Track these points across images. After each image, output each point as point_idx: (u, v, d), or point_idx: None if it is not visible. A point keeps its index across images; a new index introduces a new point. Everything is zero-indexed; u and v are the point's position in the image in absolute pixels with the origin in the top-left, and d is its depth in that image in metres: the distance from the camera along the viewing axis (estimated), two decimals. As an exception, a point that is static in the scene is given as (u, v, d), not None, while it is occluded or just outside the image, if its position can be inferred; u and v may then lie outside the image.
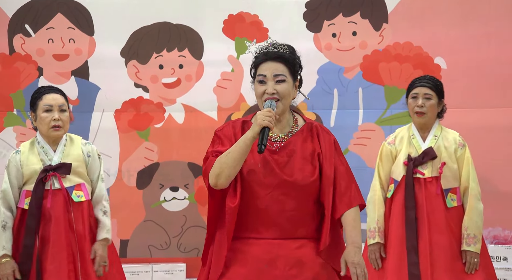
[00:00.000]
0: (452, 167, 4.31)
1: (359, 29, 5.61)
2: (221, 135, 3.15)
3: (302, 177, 3.06)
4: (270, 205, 3.04)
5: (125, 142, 5.53)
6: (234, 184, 3.04)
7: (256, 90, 3.12)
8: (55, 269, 3.93)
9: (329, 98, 5.58)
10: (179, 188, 5.56)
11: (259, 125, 2.96)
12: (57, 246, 3.95)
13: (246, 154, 3.00)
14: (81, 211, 4.04)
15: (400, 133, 4.47)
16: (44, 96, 4.09)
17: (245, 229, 3.06)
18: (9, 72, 5.42)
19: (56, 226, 3.97)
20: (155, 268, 5.40)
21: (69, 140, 4.15)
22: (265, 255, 3.03)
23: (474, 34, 5.53)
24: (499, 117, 5.49)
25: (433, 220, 4.24)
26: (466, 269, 4.21)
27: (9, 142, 5.42)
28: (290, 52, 3.13)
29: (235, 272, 3.04)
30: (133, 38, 5.54)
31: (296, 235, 3.06)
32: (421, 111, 4.35)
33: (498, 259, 5.35)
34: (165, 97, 5.57)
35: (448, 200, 4.28)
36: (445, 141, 4.35)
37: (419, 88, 4.39)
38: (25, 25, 5.47)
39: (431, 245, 4.20)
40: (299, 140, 3.12)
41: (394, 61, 5.55)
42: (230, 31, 5.59)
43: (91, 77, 5.51)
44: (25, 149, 4.09)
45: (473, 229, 4.23)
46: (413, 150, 4.36)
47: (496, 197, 5.41)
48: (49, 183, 4.01)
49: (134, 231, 5.51)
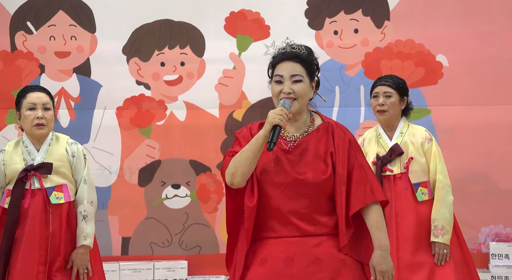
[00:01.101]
0: (420, 161, 4.33)
1: (360, 26, 5.60)
2: (239, 137, 3.19)
3: (313, 175, 3.08)
4: (283, 204, 3.07)
5: (126, 140, 5.53)
6: (251, 184, 3.08)
7: (273, 90, 3.14)
8: (24, 269, 3.89)
9: (330, 95, 5.58)
10: (180, 186, 5.56)
11: (270, 123, 3.00)
12: (29, 246, 3.91)
13: (259, 153, 3.03)
14: (59, 213, 4.00)
15: (368, 135, 4.52)
16: (28, 94, 4.08)
17: (262, 229, 3.09)
18: (11, 70, 5.42)
19: (31, 226, 3.93)
20: (156, 265, 5.40)
21: (54, 139, 4.12)
22: (283, 254, 3.05)
23: (476, 31, 5.52)
24: (500, 114, 5.48)
25: (401, 215, 4.27)
26: (436, 260, 4.23)
27: (10, 139, 5.35)
28: (307, 52, 3.17)
29: (254, 272, 3.06)
30: (135, 36, 5.53)
31: (313, 233, 3.07)
32: (382, 109, 4.39)
33: (499, 256, 5.35)
34: (167, 94, 5.57)
35: (419, 194, 4.31)
36: (411, 136, 4.38)
37: (379, 87, 4.44)
38: (27, 22, 5.47)
39: (398, 241, 4.22)
40: (313, 139, 3.14)
41: (396, 59, 5.55)
42: (231, 29, 5.59)
43: (93, 75, 5.51)
44: (9, 148, 4.09)
45: (440, 221, 4.24)
46: (381, 149, 4.40)
47: (497, 194, 5.41)
48: (29, 183, 3.98)
49: (135, 229, 5.51)
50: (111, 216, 5.47)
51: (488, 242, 5.44)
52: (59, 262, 3.98)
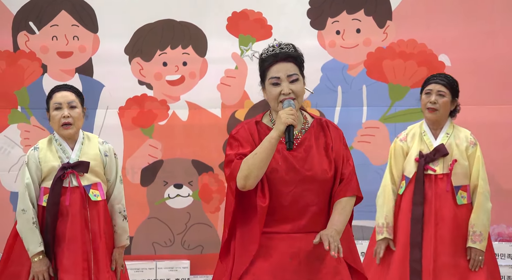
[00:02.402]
0: (463, 164, 4.32)
1: (363, 26, 5.60)
2: (239, 138, 3.17)
3: (321, 171, 3.12)
4: (294, 201, 3.10)
5: (129, 139, 5.53)
6: (261, 184, 3.08)
7: (271, 93, 3.14)
8: (71, 265, 3.95)
9: (333, 95, 5.58)
10: (183, 185, 5.57)
11: (284, 123, 3.01)
12: (73, 243, 3.97)
13: (272, 154, 3.05)
14: (97, 210, 4.05)
15: (412, 130, 4.48)
16: (54, 95, 4.11)
17: (269, 224, 3.10)
18: (13, 70, 5.42)
19: (72, 223, 3.98)
20: (159, 265, 5.41)
21: (86, 138, 4.16)
22: (288, 249, 3.08)
23: (479, 31, 5.52)
24: (503, 114, 5.49)
25: (440, 216, 4.26)
26: (470, 266, 4.22)
27: (13, 139, 5.42)
28: (295, 50, 3.18)
29: (259, 267, 3.07)
30: (137, 36, 5.54)
31: (317, 229, 3.09)
32: (433, 107, 4.36)
33: (502, 256, 5.35)
34: (169, 94, 5.57)
35: (459, 197, 4.30)
36: (456, 139, 4.37)
37: (433, 85, 4.40)
38: (29, 22, 5.47)
39: (436, 241, 4.22)
40: (312, 136, 3.18)
41: (398, 59, 5.55)
42: (234, 29, 5.59)
43: (95, 75, 5.51)
44: (43, 146, 4.10)
45: (479, 227, 4.24)
46: (424, 147, 4.38)
47: (500, 194, 5.41)
48: (67, 181, 4.01)
49: (138, 228, 5.52)
50: (114, 216, 5.47)
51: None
52: (99, 257, 4.02)
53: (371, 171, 5.47)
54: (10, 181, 5.42)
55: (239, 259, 3.10)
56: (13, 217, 5.21)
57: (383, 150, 5.19)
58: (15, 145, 5.41)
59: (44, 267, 3.95)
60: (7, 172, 5.41)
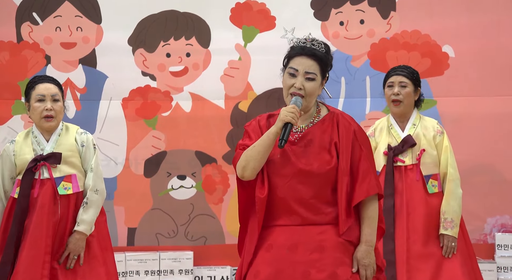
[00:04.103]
0: (431, 153, 4.35)
1: (366, 17, 5.59)
2: (248, 130, 3.24)
3: (318, 166, 3.12)
4: (289, 194, 3.12)
5: (132, 131, 5.53)
6: (261, 176, 3.14)
7: (285, 81, 3.18)
8: (31, 257, 3.89)
9: (336, 86, 5.57)
10: (186, 177, 5.57)
11: (281, 120, 3.06)
12: (36, 235, 3.91)
13: (270, 148, 3.10)
14: (67, 203, 4.00)
15: (379, 125, 4.52)
16: (37, 85, 4.06)
17: (269, 218, 3.15)
18: (17, 60, 5.42)
19: (38, 215, 3.93)
20: (162, 256, 5.41)
21: (64, 129, 4.11)
22: (287, 241, 3.11)
23: (482, 22, 5.50)
24: (506, 105, 5.47)
25: (412, 206, 4.28)
26: (444, 252, 4.24)
27: (17, 130, 5.41)
28: (325, 51, 3.20)
29: (261, 258, 3.13)
30: (141, 26, 5.53)
31: (317, 222, 3.12)
32: (397, 99, 4.39)
33: (505, 247, 5.35)
34: (173, 85, 5.57)
35: (429, 186, 4.32)
36: (423, 129, 4.39)
37: (394, 77, 4.43)
38: (33, 13, 5.47)
39: (408, 231, 4.24)
40: (318, 130, 3.18)
41: (402, 50, 5.54)
42: (237, 20, 5.58)
43: (99, 66, 5.51)
44: (20, 139, 4.09)
45: (450, 213, 4.26)
46: (392, 140, 4.40)
47: (503, 185, 5.41)
48: (39, 173, 3.99)
49: (141, 219, 5.52)
50: (117, 207, 5.48)
51: (494, 233, 5.43)
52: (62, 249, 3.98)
53: (375, 162, 5.46)
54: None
55: (247, 251, 3.17)
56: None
57: (386, 141, 5.18)
58: (19, 136, 5.42)
59: None
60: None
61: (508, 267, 5.28)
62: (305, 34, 3.23)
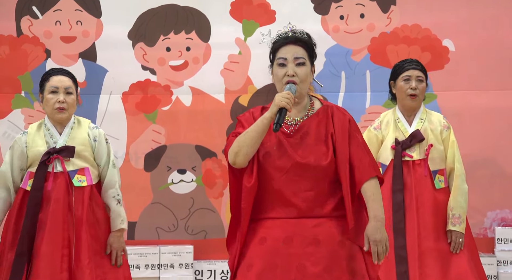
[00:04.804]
0: (438, 149, 4.34)
1: (367, 11, 5.58)
2: (241, 120, 3.24)
3: (315, 159, 3.12)
4: (285, 186, 3.12)
5: (132, 125, 5.53)
6: (251, 165, 3.13)
7: (277, 74, 3.18)
8: (49, 252, 3.90)
9: (336, 80, 5.57)
10: (186, 171, 5.57)
11: (276, 105, 3.05)
12: (53, 229, 3.92)
13: (263, 134, 3.09)
14: (82, 196, 4.01)
15: (385, 118, 4.49)
16: (51, 77, 4.08)
17: (263, 210, 3.15)
18: (17, 54, 5.42)
19: (54, 209, 3.94)
20: (162, 250, 5.42)
21: (76, 123, 4.12)
22: (282, 234, 3.10)
23: (483, 16, 5.50)
24: (507, 99, 5.47)
25: (421, 201, 4.27)
26: (452, 248, 4.24)
27: (17, 124, 5.43)
28: (308, 36, 3.23)
29: (254, 251, 3.11)
30: (140, 20, 5.53)
31: (312, 214, 3.12)
32: (415, 93, 4.36)
33: (505, 241, 5.35)
34: (173, 79, 5.57)
35: (436, 181, 4.31)
36: (430, 124, 4.38)
37: (411, 71, 4.39)
38: (33, 7, 5.46)
39: (419, 227, 4.23)
40: (313, 123, 3.18)
41: (402, 44, 5.54)
42: (237, 14, 5.58)
43: (99, 60, 5.51)
44: (32, 131, 4.08)
45: (458, 209, 4.26)
46: (399, 134, 4.38)
47: (503, 179, 5.41)
48: (52, 166, 3.99)
49: (141, 213, 5.53)
50: (117, 201, 5.48)
51: (494, 227, 5.44)
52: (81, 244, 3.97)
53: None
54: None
55: (239, 243, 3.15)
56: (16, 201, 5.22)
57: (386, 136, 5.19)
58: (19, 130, 5.39)
59: None
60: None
61: (508, 261, 5.29)
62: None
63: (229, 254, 3.22)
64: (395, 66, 4.48)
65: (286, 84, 3.13)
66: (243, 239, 3.14)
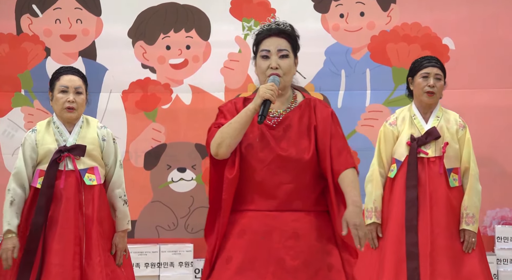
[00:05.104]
0: (454, 147, 4.33)
1: (367, 9, 5.58)
2: (223, 110, 3.25)
3: (297, 152, 3.14)
4: (266, 178, 3.12)
5: (132, 123, 5.54)
6: (233, 156, 3.13)
7: (260, 66, 3.19)
8: (61, 249, 3.91)
9: (336, 79, 5.57)
10: (186, 169, 5.57)
11: (261, 97, 3.05)
12: (65, 226, 3.94)
13: (246, 125, 3.09)
14: (92, 195, 4.02)
15: (401, 114, 4.48)
16: (61, 76, 4.08)
17: (243, 201, 3.15)
18: (17, 53, 5.43)
19: (66, 207, 3.95)
20: (162, 248, 5.42)
21: (85, 122, 4.13)
22: (262, 227, 3.11)
23: (483, 14, 5.50)
24: (507, 97, 5.48)
25: (435, 199, 4.27)
26: (464, 248, 4.24)
27: (17, 122, 5.43)
28: (291, 28, 3.23)
29: (234, 244, 3.12)
30: (140, 19, 5.53)
31: (292, 208, 3.13)
32: (432, 91, 4.35)
33: (505, 239, 5.36)
34: (172, 78, 5.57)
35: (451, 180, 4.31)
36: (446, 122, 4.37)
37: (430, 68, 4.38)
38: (32, 5, 5.47)
39: (432, 224, 4.23)
40: (296, 115, 3.20)
41: (402, 42, 5.54)
42: (237, 12, 5.58)
43: (99, 58, 5.51)
44: (41, 128, 4.08)
45: (472, 209, 4.27)
46: (415, 130, 4.37)
47: (503, 178, 5.41)
48: (63, 164, 4.00)
49: (141, 212, 5.53)
50: (117, 199, 5.48)
51: (494, 225, 5.44)
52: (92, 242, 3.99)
53: (375, 155, 5.47)
54: (13, 164, 5.39)
55: (219, 235, 3.15)
56: (17, 200, 5.22)
57: (386, 134, 5.18)
58: (19, 129, 5.42)
59: (9, 245, 3.91)
60: (11, 155, 5.42)
61: (508, 259, 5.29)
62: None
63: (208, 245, 3.21)
64: (414, 63, 4.48)
65: (270, 76, 3.14)
66: (223, 231, 3.13)
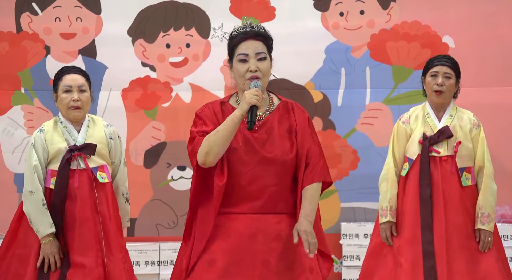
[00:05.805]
0: (467, 146, 4.31)
1: (366, 7, 5.58)
2: (202, 116, 3.24)
3: (281, 153, 3.16)
4: (252, 182, 3.14)
5: (132, 121, 5.54)
6: (221, 163, 3.13)
7: (238, 70, 3.18)
8: (84, 248, 3.94)
9: (336, 77, 5.57)
10: (186, 167, 5.58)
11: (248, 103, 3.05)
12: (84, 225, 3.96)
13: (234, 132, 3.09)
14: (105, 192, 4.05)
15: (414, 112, 4.46)
16: (64, 76, 4.09)
17: (227, 204, 3.15)
18: (17, 51, 5.42)
19: (82, 206, 3.97)
20: (162, 246, 5.43)
21: (91, 121, 4.14)
22: (246, 230, 3.13)
23: (483, 12, 5.50)
24: (507, 96, 5.48)
25: (448, 198, 4.24)
26: (480, 247, 4.22)
27: (17, 120, 5.43)
28: (265, 30, 3.24)
29: (217, 246, 3.13)
30: (140, 17, 5.53)
31: (275, 210, 3.16)
32: (440, 89, 4.33)
33: (505, 237, 5.36)
34: (172, 76, 5.57)
35: (463, 179, 4.28)
36: (460, 121, 4.35)
37: (439, 67, 4.36)
38: (32, 3, 5.46)
39: (446, 223, 4.21)
40: (276, 118, 3.22)
41: (401, 40, 5.54)
42: (237, 10, 5.57)
43: (98, 56, 5.51)
44: (49, 128, 4.08)
45: (487, 208, 4.24)
46: (428, 129, 4.35)
47: (503, 176, 5.40)
48: (75, 163, 4.00)
49: (141, 210, 5.53)
50: (117, 198, 5.48)
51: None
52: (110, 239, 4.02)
53: (374, 153, 5.47)
54: (13, 162, 5.44)
55: (198, 239, 3.15)
56: (17, 198, 5.23)
57: (386, 132, 5.17)
58: (19, 127, 5.42)
59: (55, 249, 3.93)
60: (11, 154, 5.43)
61: (509, 257, 5.28)
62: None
63: (186, 248, 3.21)
64: (427, 61, 4.46)
65: (250, 79, 3.14)
66: (208, 234, 3.12)
